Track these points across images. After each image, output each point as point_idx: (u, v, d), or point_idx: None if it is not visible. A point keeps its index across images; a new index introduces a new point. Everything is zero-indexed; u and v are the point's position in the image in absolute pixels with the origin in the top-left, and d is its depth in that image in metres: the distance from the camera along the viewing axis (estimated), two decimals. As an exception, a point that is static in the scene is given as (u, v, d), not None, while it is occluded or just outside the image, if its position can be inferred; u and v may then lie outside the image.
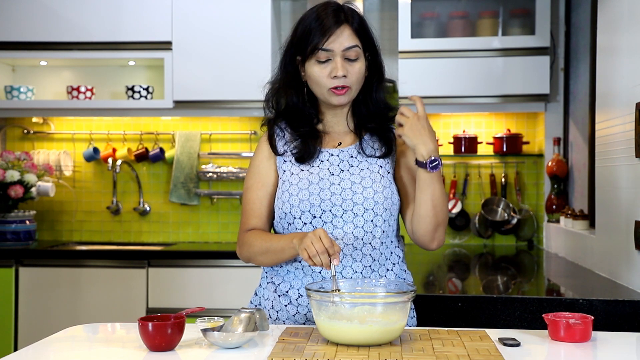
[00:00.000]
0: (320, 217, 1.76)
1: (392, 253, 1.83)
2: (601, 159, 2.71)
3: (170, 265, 3.57)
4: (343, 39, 1.77)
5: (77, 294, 3.57)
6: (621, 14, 2.51)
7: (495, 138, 3.94)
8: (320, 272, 1.76)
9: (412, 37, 3.70)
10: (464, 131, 3.98)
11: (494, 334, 1.61)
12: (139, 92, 3.92)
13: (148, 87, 3.94)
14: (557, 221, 3.63)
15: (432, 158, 1.70)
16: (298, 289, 1.79)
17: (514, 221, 3.91)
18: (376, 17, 4.05)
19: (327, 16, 1.77)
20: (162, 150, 4.11)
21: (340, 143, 1.87)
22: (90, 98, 3.97)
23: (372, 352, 1.42)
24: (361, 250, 1.77)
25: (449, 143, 3.98)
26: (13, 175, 3.77)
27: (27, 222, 3.91)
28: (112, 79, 4.16)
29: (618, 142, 2.51)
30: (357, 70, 1.80)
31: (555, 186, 3.71)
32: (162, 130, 4.16)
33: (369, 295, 1.51)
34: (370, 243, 1.77)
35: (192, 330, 1.60)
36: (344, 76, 1.77)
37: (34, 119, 4.20)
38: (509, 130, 3.97)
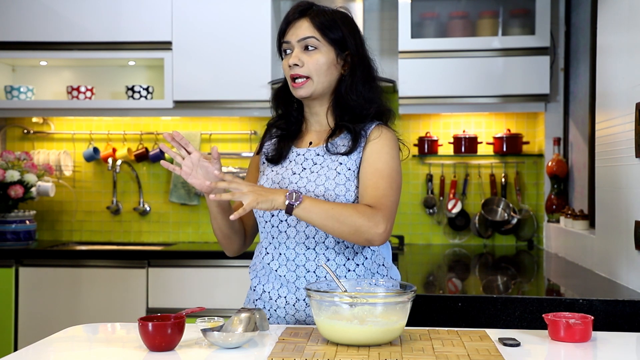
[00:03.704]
0: (277, 216, 1.81)
1: (357, 253, 1.81)
2: (601, 159, 2.71)
3: (170, 265, 3.57)
4: (299, 30, 1.82)
5: (77, 294, 3.57)
6: (621, 14, 2.51)
7: (495, 138, 3.94)
8: (276, 270, 1.80)
9: (412, 37, 3.71)
10: (464, 131, 3.98)
11: (494, 334, 1.61)
12: (139, 92, 3.92)
13: (148, 87, 3.94)
14: (557, 221, 3.63)
15: (288, 194, 1.64)
16: (263, 285, 1.85)
17: (514, 221, 3.90)
18: (376, 17, 4.05)
19: (291, 11, 1.86)
20: (162, 150, 4.10)
21: (311, 142, 1.89)
22: (90, 98, 3.97)
23: (372, 352, 1.42)
24: (314, 249, 1.78)
25: (449, 143, 3.98)
26: (13, 175, 3.77)
27: (27, 222, 3.91)
28: (112, 79, 4.16)
29: (618, 142, 2.51)
30: (315, 60, 1.81)
31: (555, 186, 3.70)
32: (162, 130, 4.16)
33: (369, 295, 1.51)
34: (323, 242, 1.79)
35: (192, 330, 1.60)
36: (296, 65, 1.81)
37: (34, 119, 4.20)
38: (509, 130, 3.97)
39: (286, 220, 1.79)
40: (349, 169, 1.81)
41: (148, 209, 4.17)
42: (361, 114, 1.85)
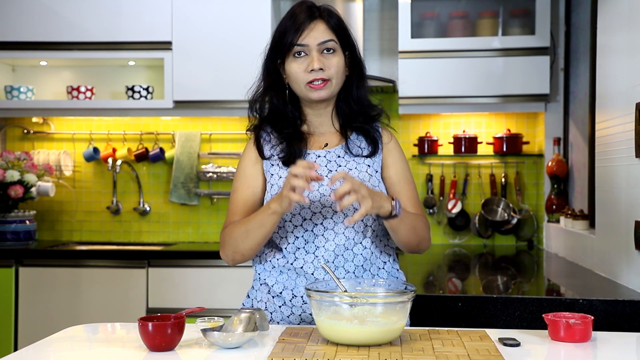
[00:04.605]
0: (310, 219, 1.76)
1: (382, 252, 1.84)
2: (601, 159, 2.71)
3: (170, 265, 3.57)
4: (318, 33, 1.79)
5: (77, 294, 3.57)
6: (621, 14, 2.51)
7: (495, 138, 3.94)
8: (312, 274, 1.77)
9: (412, 37, 3.71)
10: (464, 131, 3.98)
11: (494, 334, 1.61)
12: (139, 92, 3.92)
13: (148, 87, 3.94)
14: (557, 221, 3.63)
15: (393, 203, 1.66)
16: (292, 290, 1.79)
17: (514, 221, 3.90)
18: (376, 17, 4.05)
19: (301, 12, 1.80)
20: (162, 150, 4.11)
21: (327, 144, 1.86)
22: (90, 98, 3.97)
23: (372, 352, 1.42)
24: (352, 250, 1.77)
25: (449, 143, 3.98)
26: (13, 175, 3.77)
27: (27, 222, 3.91)
28: (112, 79, 4.16)
29: (618, 142, 2.51)
30: (335, 63, 1.79)
31: (555, 186, 3.71)
32: (162, 130, 4.16)
33: (369, 295, 1.51)
34: (361, 242, 1.78)
35: (192, 330, 1.60)
36: (321, 69, 1.77)
37: (34, 119, 4.20)
38: (509, 130, 3.97)
39: (322, 223, 1.76)
40: (376, 171, 1.83)
41: (148, 209, 4.17)
42: (371, 115, 1.87)
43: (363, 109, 1.86)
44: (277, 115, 1.86)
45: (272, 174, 1.83)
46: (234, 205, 1.85)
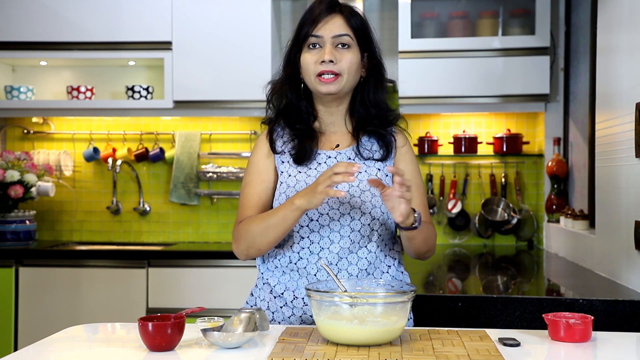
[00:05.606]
0: (317, 220, 1.76)
1: (386, 256, 1.83)
2: (601, 159, 2.71)
3: (170, 265, 3.57)
4: (334, 26, 1.78)
5: (77, 294, 3.57)
6: (621, 14, 2.51)
7: (495, 138, 3.94)
8: (315, 275, 1.76)
9: (412, 37, 3.71)
10: (464, 131, 3.98)
11: (494, 334, 1.61)
12: (139, 92, 3.92)
13: (148, 87, 3.94)
14: (557, 221, 3.63)
15: (416, 215, 1.66)
16: (293, 291, 1.79)
17: (514, 221, 3.90)
18: (376, 17, 4.05)
19: (321, 5, 1.80)
20: (162, 150, 4.11)
21: (338, 145, 1.85)
22: (90, 98, 3.97)
23: (372, 352, 1.42)
24: (357, 254, 1.76)
25: (449, 143, 3.98)
26: (13, 175, 3.77)
27: (27, 222, 3.91)
28: (112, 79, 4.16)
29: (618, 142, 2.51)
30: (348, 58, 1.78)
31: (555, 186, 3.71)
32: (162, 130, 4.16)
33: (369, 295, 1.51)
34: (366, 246, 1.77)
35: (192, 330, 1.60)
36: (331, 61, 1.76)
37: (34, 119, 4.20)
38: (509, 130, 3.97)
39: (328, 225, 1.75)
40: (387, 176, 1.81)
41: (148, 209, 4.17)
42: (387, 118, 1.85)
43: (380, 112, 1.85)
44: (290, 109, 1.85)
45: (282, 171, 1.82)
46: (247, 199, 1.82)
